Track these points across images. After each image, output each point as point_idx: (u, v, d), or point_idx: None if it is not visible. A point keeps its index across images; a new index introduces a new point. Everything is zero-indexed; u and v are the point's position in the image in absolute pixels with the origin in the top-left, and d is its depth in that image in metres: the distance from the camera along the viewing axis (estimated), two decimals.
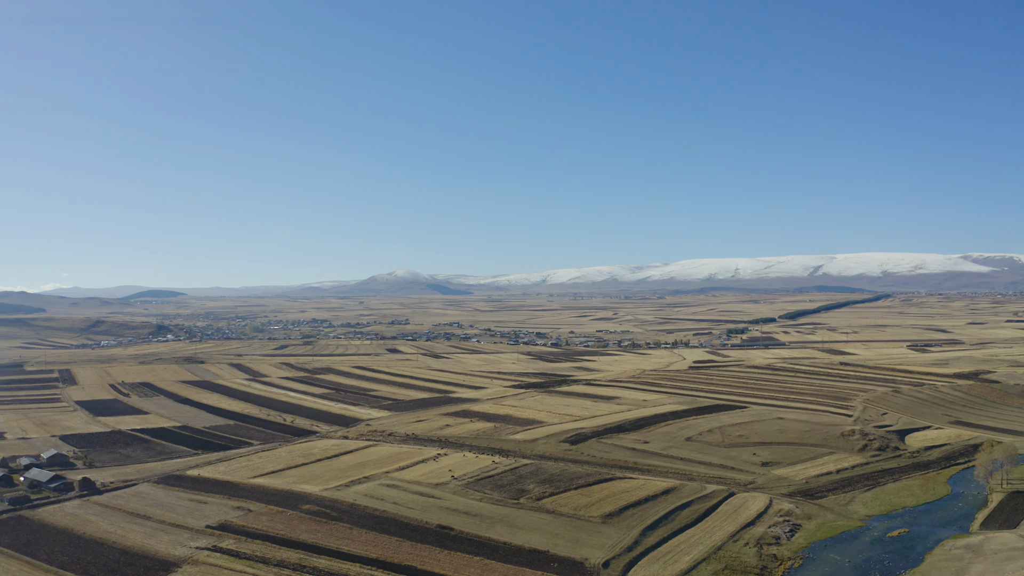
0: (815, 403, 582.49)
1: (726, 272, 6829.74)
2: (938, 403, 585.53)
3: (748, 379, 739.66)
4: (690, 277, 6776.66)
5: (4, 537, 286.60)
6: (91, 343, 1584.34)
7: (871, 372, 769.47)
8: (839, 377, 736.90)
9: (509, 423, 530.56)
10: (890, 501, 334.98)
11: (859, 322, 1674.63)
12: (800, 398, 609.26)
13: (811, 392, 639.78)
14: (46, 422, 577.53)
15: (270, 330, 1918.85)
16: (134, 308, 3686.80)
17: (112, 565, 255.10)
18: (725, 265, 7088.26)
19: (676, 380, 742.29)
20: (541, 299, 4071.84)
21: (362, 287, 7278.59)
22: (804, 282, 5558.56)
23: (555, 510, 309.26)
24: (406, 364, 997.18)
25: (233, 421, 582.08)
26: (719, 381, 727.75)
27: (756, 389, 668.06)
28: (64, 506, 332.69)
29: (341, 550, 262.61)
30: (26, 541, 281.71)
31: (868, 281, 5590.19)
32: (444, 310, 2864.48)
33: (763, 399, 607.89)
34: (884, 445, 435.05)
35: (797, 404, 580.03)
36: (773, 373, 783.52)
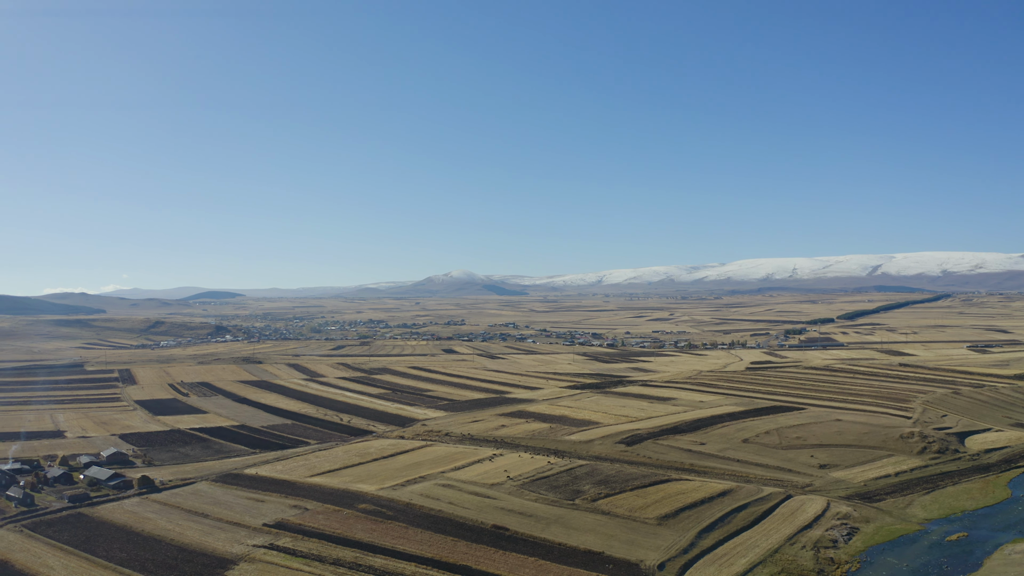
0: (874, 405, 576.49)
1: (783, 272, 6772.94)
2: (998, 405, 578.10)
3: (806, 380, 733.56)
4: (747, 277, 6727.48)
5: (64, 534, 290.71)
6: (151, 343, 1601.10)
7: (930, 373, 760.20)
8: (898, 378, 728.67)
9: (565, 424, 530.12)
10: (949, 504, 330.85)
11: (918, 322, 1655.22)
12: (858, 399, 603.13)
13: (870, 393, 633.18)
14: (106, 421, 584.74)
15: (327, 331, 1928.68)
16: (193, 309, 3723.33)
17: (170, 562, 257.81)
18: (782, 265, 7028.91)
19: (733, 381, 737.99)
20: (597, 299, 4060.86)
21: (418, 288, 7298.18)
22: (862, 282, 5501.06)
23: (610, 511, 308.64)
24: (462, 364, 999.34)
25: (290, 420, 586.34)
26: (776, 382, 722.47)
27: (814, 390, 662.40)
28: (123, 504, 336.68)
29: (396, 549, 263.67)
30: (85, 538, 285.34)
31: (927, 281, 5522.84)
32: (500, 311, 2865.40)
33: (821, 400, 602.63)
34: (943, 447, 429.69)
35: (855, 406, 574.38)
36: (831, 374, 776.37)
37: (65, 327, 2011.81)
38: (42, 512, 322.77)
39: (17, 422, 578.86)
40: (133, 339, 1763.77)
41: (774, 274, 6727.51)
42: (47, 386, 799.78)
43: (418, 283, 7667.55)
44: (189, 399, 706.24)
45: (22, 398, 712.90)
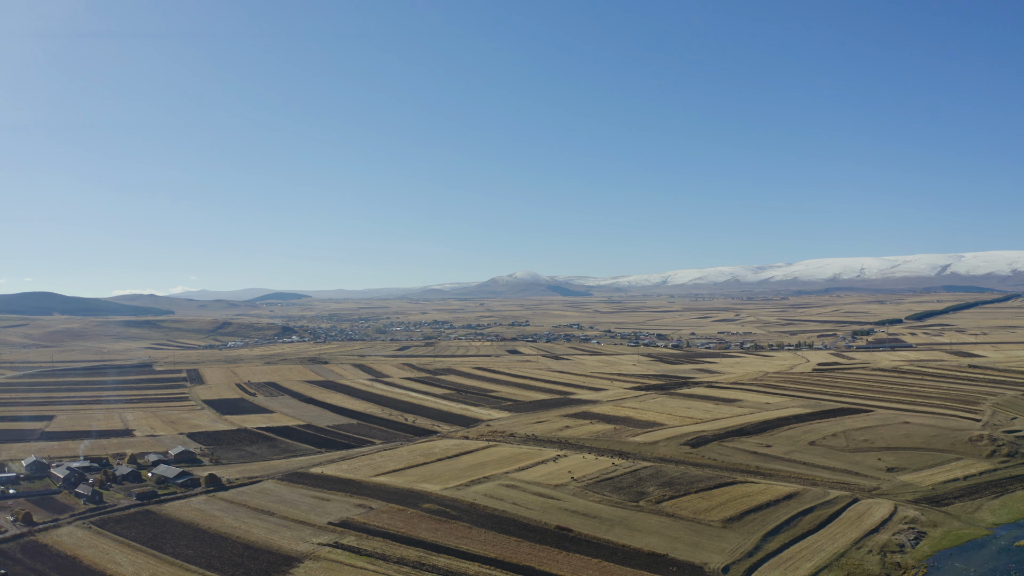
0: (942, 407, 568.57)
1: (851, 272, 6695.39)
2: None
3: (873, 382, 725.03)
4: (814, 277, 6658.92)
5: (132, 531, 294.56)
6: (218, 344, 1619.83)
7: (1000, 375, 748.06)
8: (967, 380, 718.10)
9: (629, 425, 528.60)
10: (1018, 509, 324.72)
11: (988, 323, 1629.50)
12: (927, 402, 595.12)
13: (938, 396, 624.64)
14: (174, 420, 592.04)
15: (392, 331, 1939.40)
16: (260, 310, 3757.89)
17: (236, 559, 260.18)
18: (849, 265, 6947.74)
19: (799, 383, 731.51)
20: (661, 300, 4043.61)
21: (482, 289, 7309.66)
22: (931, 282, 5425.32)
23: (675, 513, 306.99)
24: (526, 365, 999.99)
25: (356, 420, 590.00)
26: (843, 384, 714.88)
27: (881, 392, 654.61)
28: (190, 501, 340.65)
29: (460, 549, 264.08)
30: (153, 535, 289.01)
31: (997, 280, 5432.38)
32: (564, 311, 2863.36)
33: (889, 403, 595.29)
34: (1013, 451, 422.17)
35: (924, 408, 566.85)
36: (899, 376, 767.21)
37: (134, 328, 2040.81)
38: (110, 509, 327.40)
39: (87, 421, 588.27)
40: (201, 340, 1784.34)
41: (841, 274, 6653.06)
42: (116, 386, 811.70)
43: (482, 284, 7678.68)
44: (256, 399, 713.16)
45: (92, 397, 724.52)
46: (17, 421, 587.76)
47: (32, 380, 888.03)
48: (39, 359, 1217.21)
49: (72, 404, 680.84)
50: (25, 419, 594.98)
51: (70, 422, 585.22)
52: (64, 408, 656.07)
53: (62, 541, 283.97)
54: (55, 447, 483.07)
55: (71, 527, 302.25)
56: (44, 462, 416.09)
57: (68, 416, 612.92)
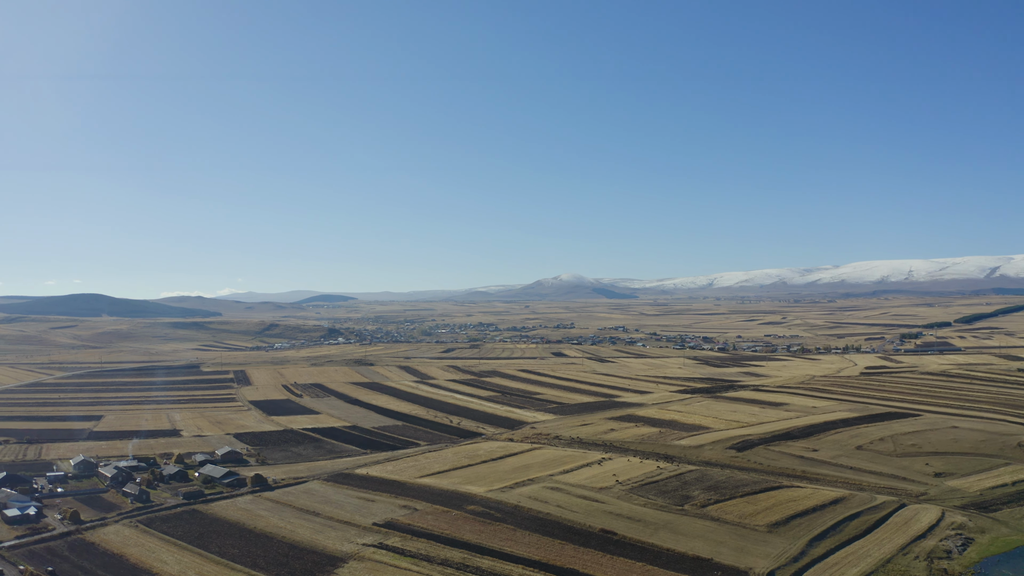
0: (991, 411, 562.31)
1: (899, 274, 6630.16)
2: None
3: (921, 386, 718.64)
4: (861, 280, 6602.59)
5: (178, 530, 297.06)
6: (265, 345, 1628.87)
7: None
8: (1017, 384, 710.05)
9: (674, 428, 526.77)
10: None
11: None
12: (975, 406, 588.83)
13: (987, 400, 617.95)
14: (221, 420, 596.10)
15: (437, 333, 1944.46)
16: (306, 312, 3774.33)
17: (280, 559, 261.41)
18: (898, 267, 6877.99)
19: (846, 386, 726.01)
20: (707, 303, 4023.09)
21: (527, 291, 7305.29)
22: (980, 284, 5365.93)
23: (720, 517, 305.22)
24: (571, 368, 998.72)
25: (401, 422, 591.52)
26: (891, 388, 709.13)
27: (930, 396, 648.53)
28: (236, 501, 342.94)
29: (504, 551, 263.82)
30: (199, 534, 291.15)
31: None
32: (609, 314, 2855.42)
33: (937, 407, 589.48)
34: None
35: (972, 412, 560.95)
36: (947, 380, 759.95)
37: (182, 329, 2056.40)
38: (157, 508, 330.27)
39: (135, 421, 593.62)
40: (248, 341, 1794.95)
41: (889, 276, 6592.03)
42: (164, 386, 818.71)
43: (527, 286, 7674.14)
44: (302, 400, 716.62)
45: (140, 397, 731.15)
46: (66, 421, 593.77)
47: (81, 380, 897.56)
48: (88, 360, 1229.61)
49: (120, 404, 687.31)
50: (74, 419, 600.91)
51: (118, 422, 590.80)
52: (112, 408, 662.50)
53: (109, 539, 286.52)
54: (103, 446, 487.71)
55: (118, 525, 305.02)
56: (92, 461, 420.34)
57: (116, 416, 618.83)
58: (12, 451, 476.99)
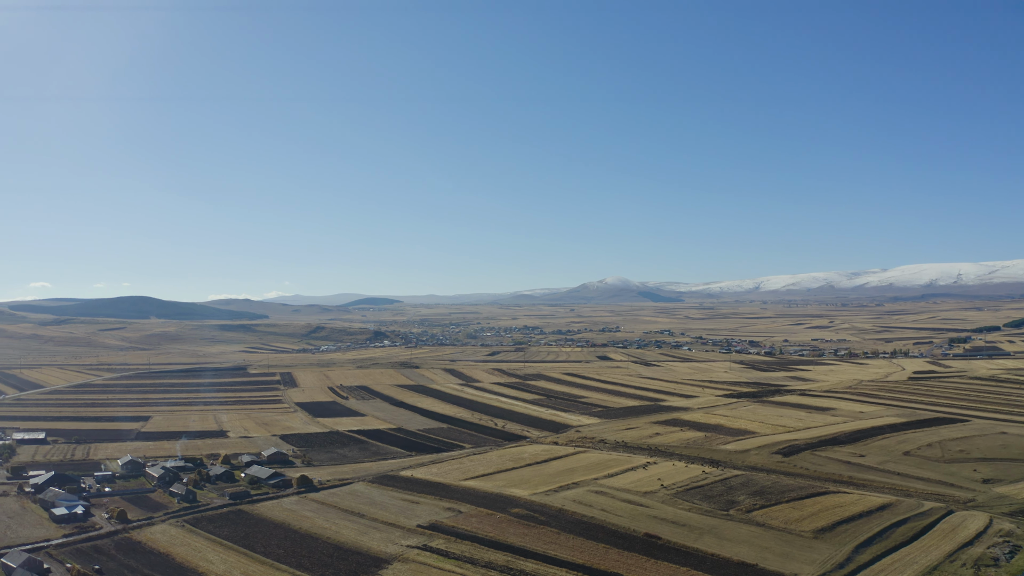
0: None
1: (947, 278, 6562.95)
2: None
3: (970, 391, 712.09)
4: (909, 283, 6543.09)
5: (224, 530, 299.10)
6: (311, 348, 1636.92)
7: None
8: None
9: (720, 433, 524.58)
10: None
11: None
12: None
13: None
14: (267, 422, 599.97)
15: (483, 336, 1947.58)
16: (352, 315, 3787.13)
17: (325, 560, 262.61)
18: (946, 270, 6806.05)
19: (894, 391, 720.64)
20: (754, 306, 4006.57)
21: (573, 294, 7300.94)
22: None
23: (765, 523, 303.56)
24: (616, 371, 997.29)
25: (446, 424, 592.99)
26: (939, 393, 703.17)
27: (978, 402, 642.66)
28: (282, 502, 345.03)
29: (548, 554, 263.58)
30: (244, 534, 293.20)
31: None
32: (655, 317, 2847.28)
33: (986, 412, 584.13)
34: None
35: (1022, 418, 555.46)
36: (997, 385, 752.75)
37: (229, 331, 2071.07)
38: (203, 508, 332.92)
39: (182, 422, 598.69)
40: (294, 343, 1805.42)
41: (937, 280, 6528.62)
42: (211, 387, 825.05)
43: (573, 290, 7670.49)
44: (348, 402, 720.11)
45: (187, 399, 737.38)
46: (114, 421, 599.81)
47: (129, 382, 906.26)
48: (136, 361, 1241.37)
49: (167, 405, 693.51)
50: (122, 419, 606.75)
51: (165, 423, 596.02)
52: (160, 409, 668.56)
53: (155, 538, 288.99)
54: (150, 447, 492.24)
55: (164, 525, 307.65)
56: (139, 461, 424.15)
57: (163, 417, 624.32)
58: (60, 451, 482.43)
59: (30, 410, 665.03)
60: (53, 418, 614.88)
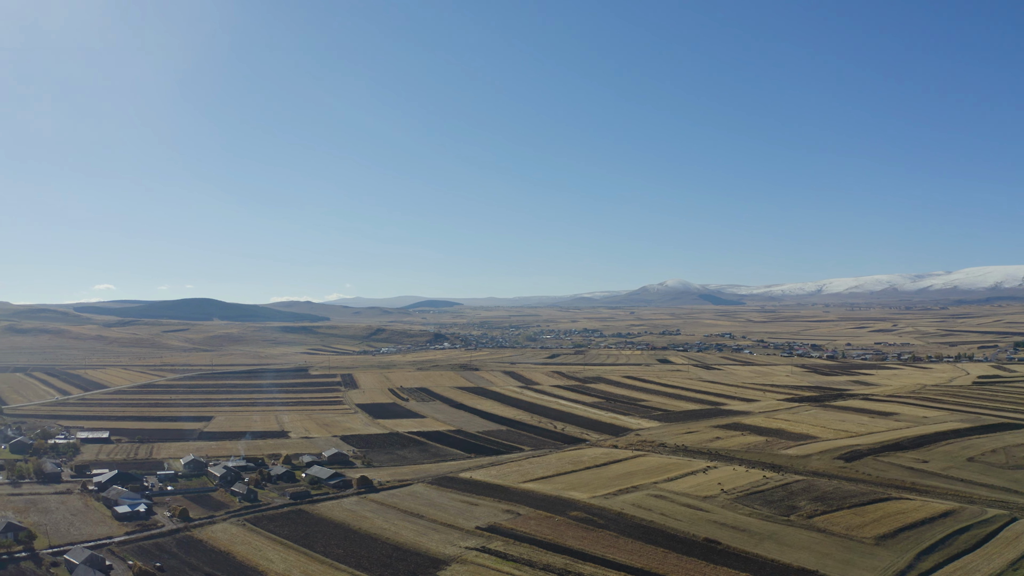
0: None
1: (1014, 280, 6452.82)
2: None
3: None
4: (974, 286, 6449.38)
5: (284, 529, 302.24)
6: (372, 350, 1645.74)
7: None
8: None
9: (781, 437, 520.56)
10: None
11: None
12: None
13: None
14: (328, 423, 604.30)
15: (542, 339, 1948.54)
16: (412, 317, 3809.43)
17: (384, 560, 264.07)
18: (1012, 273, 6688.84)
19: (958, 396, 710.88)
20: (816, 309, 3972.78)
21: (632, 297, 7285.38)
22: None
23: (826, 529, 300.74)
24: (676, 375, 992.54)
25: (505, 427, 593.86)
26: (1005, 398, 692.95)
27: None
28: (342, 502, 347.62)
29: (606, 558, 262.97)
30: (304, 533, 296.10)
31: None
32: (715, 320, 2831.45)
33: None
34: None
35: None
36: None
37: (290, 333, 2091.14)
38: (264, 508, 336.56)
39: (244, 422, 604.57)
40: (355, 345, 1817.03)
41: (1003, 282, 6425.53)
42: (273, 389, 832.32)
43: (632, 292, 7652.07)
44: (408, 403, 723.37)
45: (249, 399, 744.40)
46: (177, 421, 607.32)
47: (192, 382, 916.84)
48: (199, 362, 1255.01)
49: (230, 406, 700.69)
50: (184, 419, 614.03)
51: (227, 423, 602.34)
52: (222, 409, 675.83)
53: (216, 537, 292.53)
54: (212, 447, 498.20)
55: (226, 524, 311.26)
56: (202, 461, 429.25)
57: (226, 417, 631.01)
58: (124, 450, 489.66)
59: (94, 410, 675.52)
60: (117, 418, 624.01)
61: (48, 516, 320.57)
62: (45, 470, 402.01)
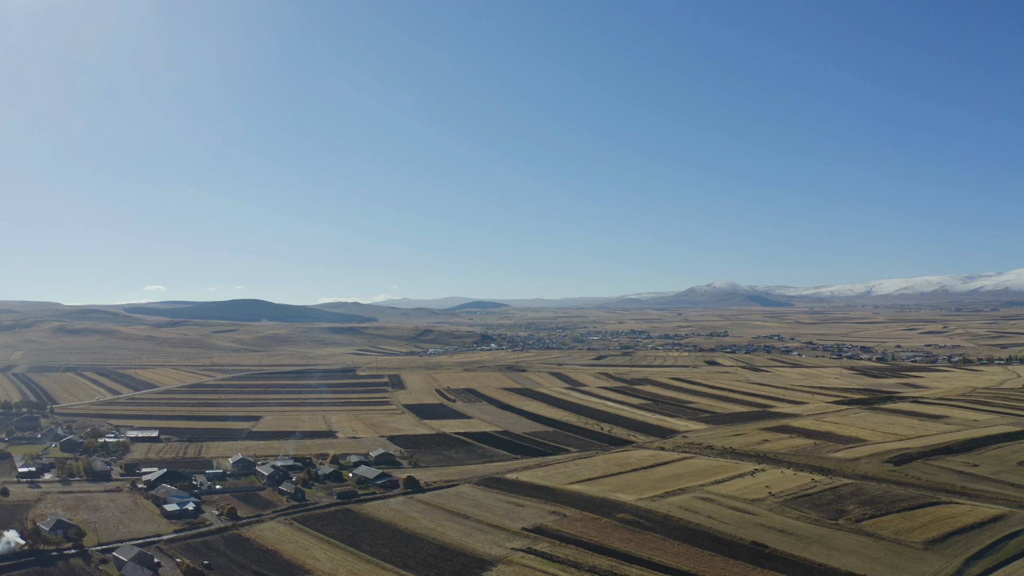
0: None
1: None
2: None
3: None
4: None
5: (331, 528, 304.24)
6: (419, 351, 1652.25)
7: None
8: None
9: (830, 440, 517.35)
10: None
11: None
12: None
13: None
14: (375, 423, 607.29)
15: (589, 340, 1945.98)
16: (459, 318, 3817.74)
17: (430, 560, 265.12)
18: None
19: (1009, 399, 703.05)
20: (865, 311, 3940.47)
21: (680, 299, 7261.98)
22: None
23: (875, 533, 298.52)
24: (724, 377, 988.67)
25: (551, 428, 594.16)
26: None
27: None
28: (388, 502, 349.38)
29: (653, 560, 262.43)
30: (351, 533, 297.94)
31: None
32: (764, 322, 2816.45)
33: None
34: None
35: None
36: None
37: (338, 334, 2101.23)
38: (311, 507, 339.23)
39: (292, 422, 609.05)
40: (402, 346, 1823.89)
41: None
42: (321, 389, 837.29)
43: (680, 294, 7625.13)
44: (455, 404, 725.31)
45: (297, 399, 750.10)
46: (225, 421, 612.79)
47: (240, 382, 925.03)
48: (248, 363, 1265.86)
49: (278, 405, 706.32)
50: (233, 419, 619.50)
51: (275, 422, 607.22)
52: (270, 409, 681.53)
53: (264, 535, 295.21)
54: (260, 446, 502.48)
55: (273, 522, 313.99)
56: (250, 460, 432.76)
57: (274, 417, 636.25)
58: (173, 449, 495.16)
59: (144, 409, 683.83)
60: (166, 417, 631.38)
61: (97, 514, 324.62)
62: (95, 468, 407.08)
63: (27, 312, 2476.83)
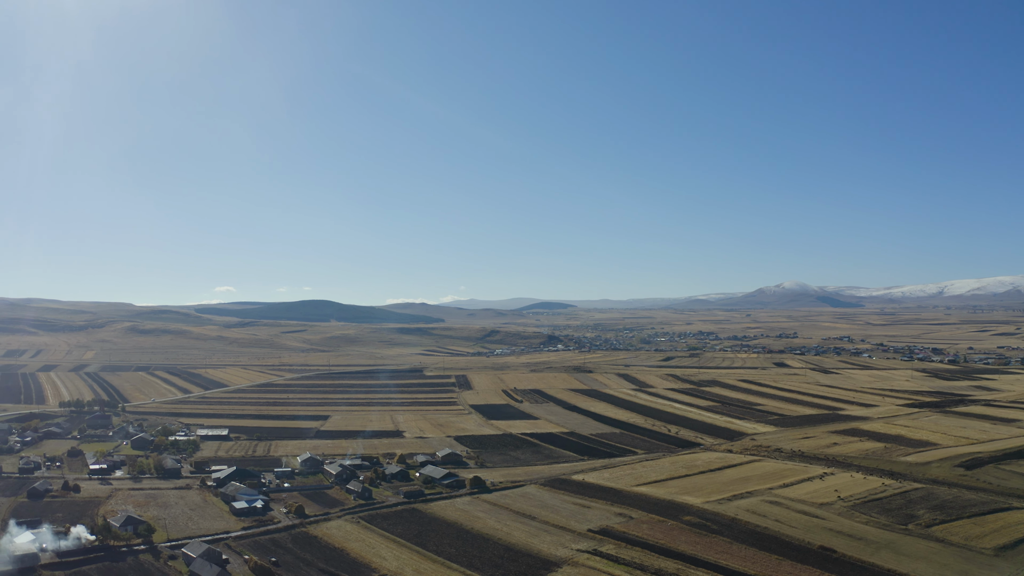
0: None
1: None
2: None
3: None
4: None
5: (398, 527, 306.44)
6: (485, 351, 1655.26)
7: None
8: None
9: (900, 444, 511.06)
10: None
11: None
12: None
13: None
14: (442, 423, 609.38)
15: (656, 342, 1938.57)
16: (526, 319, 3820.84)
17: (496, 560, 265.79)
18: None
19: None
20: (937, 312, 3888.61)
21: (748, 299, 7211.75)
22: None
23: (945, 539, 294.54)
24: (793, 379, 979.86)
25: (618, 430, 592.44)
26: None
27: None
28: (455, 502, 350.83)
29: (719, 564, 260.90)
30: (417, 532, 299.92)
31: None
32: (834, 323, 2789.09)
33: None
34: None
35: None
36: None
37: (406, 335, 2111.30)
38: (378, 505, 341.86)
39: (360, 421, 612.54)
40: (469, 347, 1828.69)
41: None
42: (388, 389, 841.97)
43: (748, 295, 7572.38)
44: (521, 405, 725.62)
45: (364, 399, 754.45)
46: (294, 420, 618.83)
47: (309, 382, 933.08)
48: (316, 363, 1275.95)
49: (345, 405, 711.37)
50: (301, 418, 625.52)
51: (343, 422, 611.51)
52: (338, 408, 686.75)
53: (331, 533, 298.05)
54: (328, 445, 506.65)
55: (340, 521, 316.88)
56: (318, 459, 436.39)
57: (342, 416, 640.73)
58: (242, 447, 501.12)
59: (214, 408, 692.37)
60: (236, 415, 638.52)
61: (167, 510, 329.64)
62: (165, 466, 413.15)
63: (100, 312, 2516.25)
